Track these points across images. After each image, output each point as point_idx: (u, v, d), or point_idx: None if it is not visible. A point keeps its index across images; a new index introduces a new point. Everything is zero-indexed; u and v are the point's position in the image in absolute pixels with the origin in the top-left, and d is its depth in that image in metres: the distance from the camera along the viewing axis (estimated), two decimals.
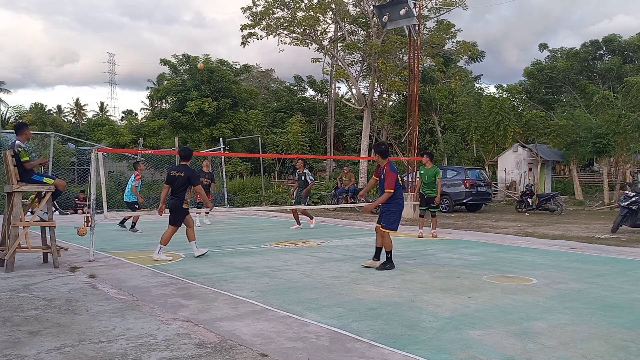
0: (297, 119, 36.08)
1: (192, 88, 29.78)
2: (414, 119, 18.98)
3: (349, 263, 7.93)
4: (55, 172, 18.67)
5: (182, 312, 5.07)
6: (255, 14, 25.31)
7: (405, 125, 24.64)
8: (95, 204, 8.36)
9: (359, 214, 18.59)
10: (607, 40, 36.37)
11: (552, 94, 39.60)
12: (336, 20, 26.05)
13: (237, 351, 3.95)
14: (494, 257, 8.62)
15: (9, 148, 7.42)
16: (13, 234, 7.17)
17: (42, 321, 4.72)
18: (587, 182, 32.28)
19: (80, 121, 63.10)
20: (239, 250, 9.29)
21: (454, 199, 19.24)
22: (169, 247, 9.65)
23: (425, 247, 9.78)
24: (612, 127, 22.60)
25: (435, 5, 25.09)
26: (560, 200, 19.24)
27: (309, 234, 11.95)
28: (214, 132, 28.86)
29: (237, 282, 6.50)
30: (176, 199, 8.25)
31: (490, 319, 4.87)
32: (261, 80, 51.49)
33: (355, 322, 4.75)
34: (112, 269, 7.40)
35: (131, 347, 4.02)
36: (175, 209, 8.29)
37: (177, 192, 8.25)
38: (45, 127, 38.09)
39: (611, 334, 4.45)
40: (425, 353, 3.93)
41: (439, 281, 6.58)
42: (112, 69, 75.92)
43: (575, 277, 6.95)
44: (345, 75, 26.29)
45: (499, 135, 24.94)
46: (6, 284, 6.30)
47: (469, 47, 28.18)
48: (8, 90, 52.43)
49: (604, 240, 11.10)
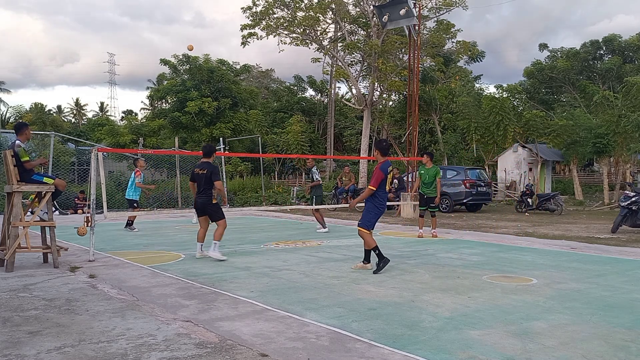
0: (297, 119, 36.09)
1: (192, 88, 29.80)
2: (414, 119, 18.98)
3: (349, 263, 7.93)
4: (55, 172, 18.68)
5: (182, 312, 5.07)
6: (255, 14, 25.31)
7: (405, 125, 24.63)
8: (95, 204, 8.36)
9: (359, 214, 18.59)
10: (607, 40, 36.38)
11: (552, 94, 39.61)
12: (336, 20, 26.05)
13: (237, 351, 3.95)
14: (494, 257, 8.62)
15: (9, 148, 7.42)
16: (13, 234, 7.17)
17: (42, 321, 4.72)
18: (587, 182, 32.28)
19: (80, 121, 63.13)
20: (239, 250, 9.29)
21: (454, 199, 19.23)
22: (169, 247, 9.67)
23: (425, 247, 9.78)
24: (612, 127, 22.60)
25: (435, 5, 25.09)
26: (560, 200, 19.24)
27: (309, 234, 11.95)
28: (214, 132, 28.88)
29: (237, 282, 6.50)
30: (204, 196, 8.19)
31: (490, 319, 4.87)
32: (261, 80, 51.51)
33: (355, 322, 4.75)
34: (112, 269, 7.40)
35: (131, 347, 4.02)
36: (206, 206, 8.27)
37: (204, 190, 8.17)
38: (45, 127, 38.12)
39: (611, 334, 4.45)
40: (425, 353, 3.93)
41: (439, 281, 6.58)
42: (112, 69, 76.07)
43: (575, 277, 6.95)
44: (345, 75, 26.29)
45: (499, 135, 24.94)
46: (6, 284, 6.30)
47: (468, 47, 28.18)
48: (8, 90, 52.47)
49: (604, 240, 11.10)
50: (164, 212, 17.79)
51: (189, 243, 10.30)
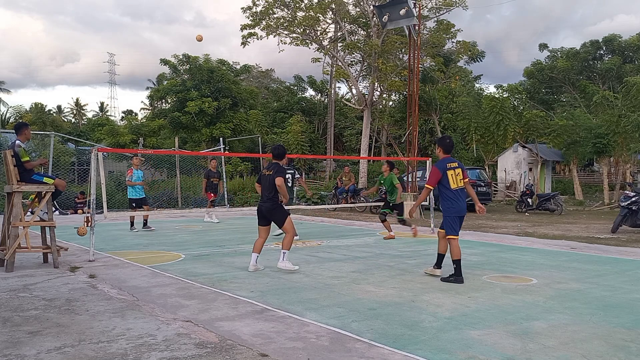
0: (297, 119, 36.10)
1: (192, 88, 29.79)
2: (414, 119, 18.98)
3: (349, 263, 7.93)
4: (55, 172, 18.68)
5: (182, 312, 5.07)
6: (255, 14, 25.30)
7: (405, 125, 24.63)
8: (95, 204, 8.36)
9: (359, 214, 18.60)
10: (607, 40, 36.39)
11: (552, 94, 39.63)
12: (336, 20, 26.05)
13: (237, 351, 3.95)
14: (494, 257, 8.62)
15: (9, 148, 7.42)
16: (13, 234, 7.17)
17: (42, 321, 4.72)
18: (587, 182, 32.27)
19: (80, 121, 63.13)
20: (239, 250, 9.29)
21: None
22: (169, 247, 9.66)
23: (425, 247, 9.79)
24: (612, 127, 22.60)
25: (435, 5, 25.08)
26: (560, 200, 19.24)
27: (309, 234, 11.95)
28: (214, 132, 28.87)
29: (237, 282, 6.50)
30: (269, 202, 7.25)
31: (490, 319, 4.87)
32: (261, 80, 51.49)
33: (355, 322, 4.75)
34: (112, 269, 7.40)
35: (131, 347, 4.02)
36: (272, 212, 7.28)
37: (268, 194, 7.24)
38: (45, 127, 38.10)
39: (611, 334, 4.45)
40: (425, 353, 3.93)
41: (439, 281, 6.58)
42: (112, 69, 76.10)
43: (575, 277, 6.95)
44: (345, 75, 26.29)
45: (499, 135, 24.94)
46: (6, 284, 6.30)
47: (468, 47, 28.17)
48: (8, 90, 52.53)
49: (604, 240, 11.10)
50: (164, 212, 17.79)
51: (189, 243, 10.30)
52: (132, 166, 12.92)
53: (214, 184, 14.82)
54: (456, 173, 6.84)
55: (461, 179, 6.84)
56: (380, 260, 8.24)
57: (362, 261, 8.10)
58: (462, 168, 6.95)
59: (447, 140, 7.04)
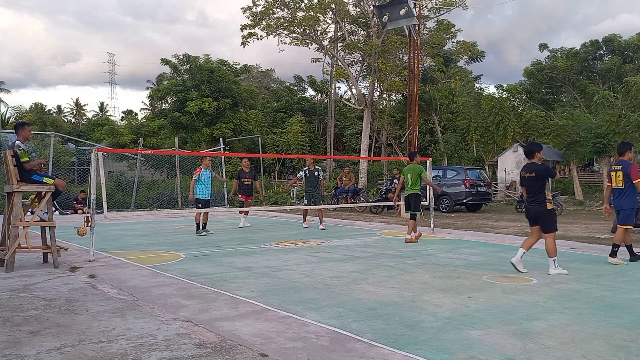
0: (297, 119, 36.12)
1: (192, 88, 29.81)
2: (414, 119, 18.98)
3: (349, 263, 7.93)
4: (55, 172, 18.67)
5: (182, 312, 5.07)
6: (255, 14, 25.32)
7: (405, 125, 24.63)
8: (95, 204, 8.36)
9: (359, 213, 18.60)
10: (607, 40, 36.40)
11: (552, 94, 39.64)
12: (336, 20, 26.06)
13: (237, 351, 3.95)
14: (494, 257, 8.61)
15: (9, 148, 7.43)
16: (13, 234, 7.17)
17: (42, 321, 4.72)
18: (587, 182, 32.28)
19: (80, 121, 63.16)
20: (239, 250, 9.29)
21: (454, 199, 19.22)
22: (169, 247, 9.66)
23: (425, 247, 9.78)
24: (612, 127, 22.61)
25: (435, 5, 25.11)
26: (560, 200, 19.23)
27: (309, 234, 11.95)
28: (214, 132, 28.90)
29: (237, 282, 6.50)
30: (536, 203, 7.13)
31: (490, 319, 4.87)
32: (261, 80, 51.54)
33: (355, 322, 4.75)
34: (112, 269, 7.40)
35: (131, 347, 4.02)
36: (539, 215, 7.19)
37: (534, 195, 7.15)
38: (45, 127, 38.09)
39: (611, 334, 4.45)
40: (425, 353, 3.93)
41: (439, 281, 6.58)
42: (112, 69, 76.10)
43: (575, 277, 6.95)
44: (345, 75, 26.30)
45: (499, 135, 24.96)
46: (6, 284, 6.30)
47: (468, 47, 28.21)
48: (8, 90, 52.57)
49: (604, 240, 11.08)
50: (164, 212, 17.79)
51: (189, 243, 10.30)
52: (202, 165, 12.15)
53: (245, 185, 13.81)
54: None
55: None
56: (380, 260, 8.24)
57: (362, 261, 8.10)
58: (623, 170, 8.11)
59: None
